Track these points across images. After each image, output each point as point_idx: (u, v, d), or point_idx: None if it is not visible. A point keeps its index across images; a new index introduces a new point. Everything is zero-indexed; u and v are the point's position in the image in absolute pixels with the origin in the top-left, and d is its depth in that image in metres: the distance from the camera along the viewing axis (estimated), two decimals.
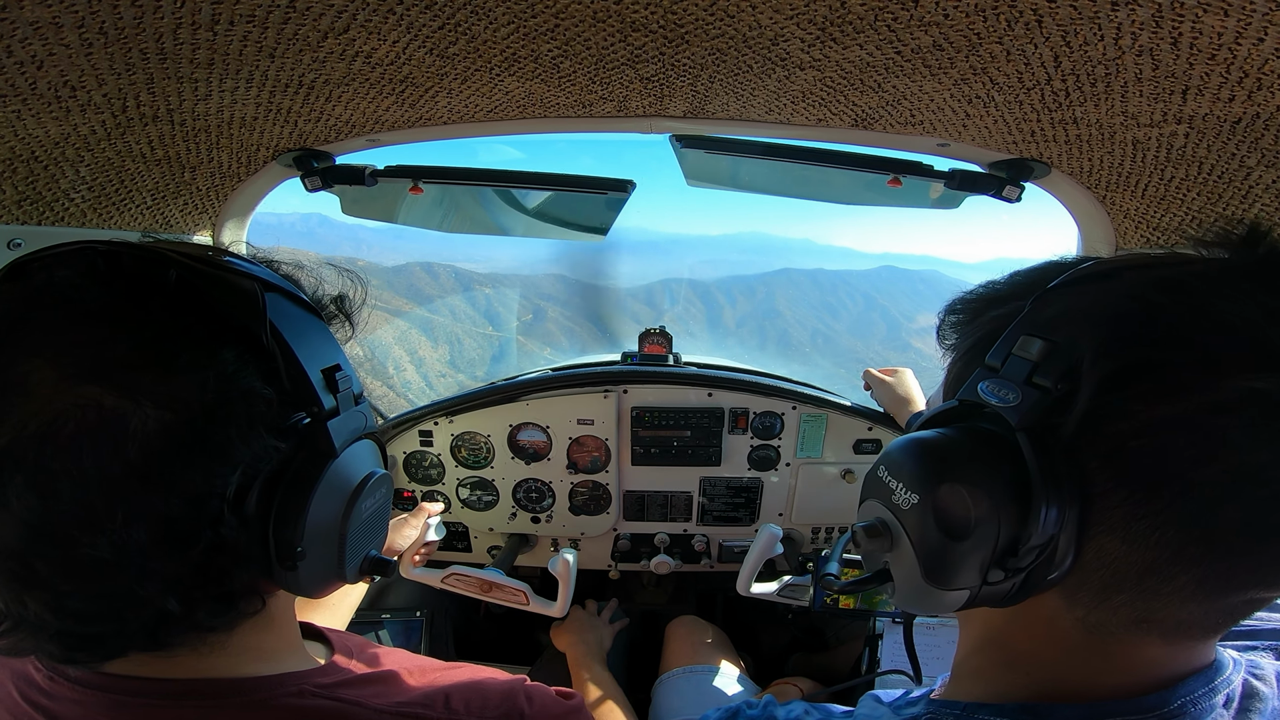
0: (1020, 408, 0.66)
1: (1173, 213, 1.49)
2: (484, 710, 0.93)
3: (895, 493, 0.74)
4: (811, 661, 2.90)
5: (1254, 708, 0.71)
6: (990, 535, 0.65)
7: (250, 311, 0.75)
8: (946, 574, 0.68)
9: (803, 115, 1.46)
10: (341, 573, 0.86)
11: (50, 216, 1.41)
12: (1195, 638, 0.69)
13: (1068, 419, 0.63)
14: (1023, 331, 0.69)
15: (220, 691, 0.79)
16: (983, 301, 0.82)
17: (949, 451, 0.71)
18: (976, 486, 0.66)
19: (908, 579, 0.73)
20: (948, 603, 0.70)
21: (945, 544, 0.68)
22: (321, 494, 0.78)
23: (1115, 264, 0.70)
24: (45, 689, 0.77)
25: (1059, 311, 0.68)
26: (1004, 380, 0.68)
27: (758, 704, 0.92)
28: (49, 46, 0.94)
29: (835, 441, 2.50)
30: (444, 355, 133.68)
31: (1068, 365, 0.64)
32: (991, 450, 0.68)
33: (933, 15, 0.97)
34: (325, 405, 0.80)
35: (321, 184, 1.76)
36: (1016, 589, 0.68)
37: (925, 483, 0.70)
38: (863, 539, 0.79)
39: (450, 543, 2.72)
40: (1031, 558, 0.65)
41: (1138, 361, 0.60)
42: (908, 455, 0.74)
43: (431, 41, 1.10)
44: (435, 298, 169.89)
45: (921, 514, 0.70)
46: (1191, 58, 0.96)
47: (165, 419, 0.64)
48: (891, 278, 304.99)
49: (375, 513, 0.92)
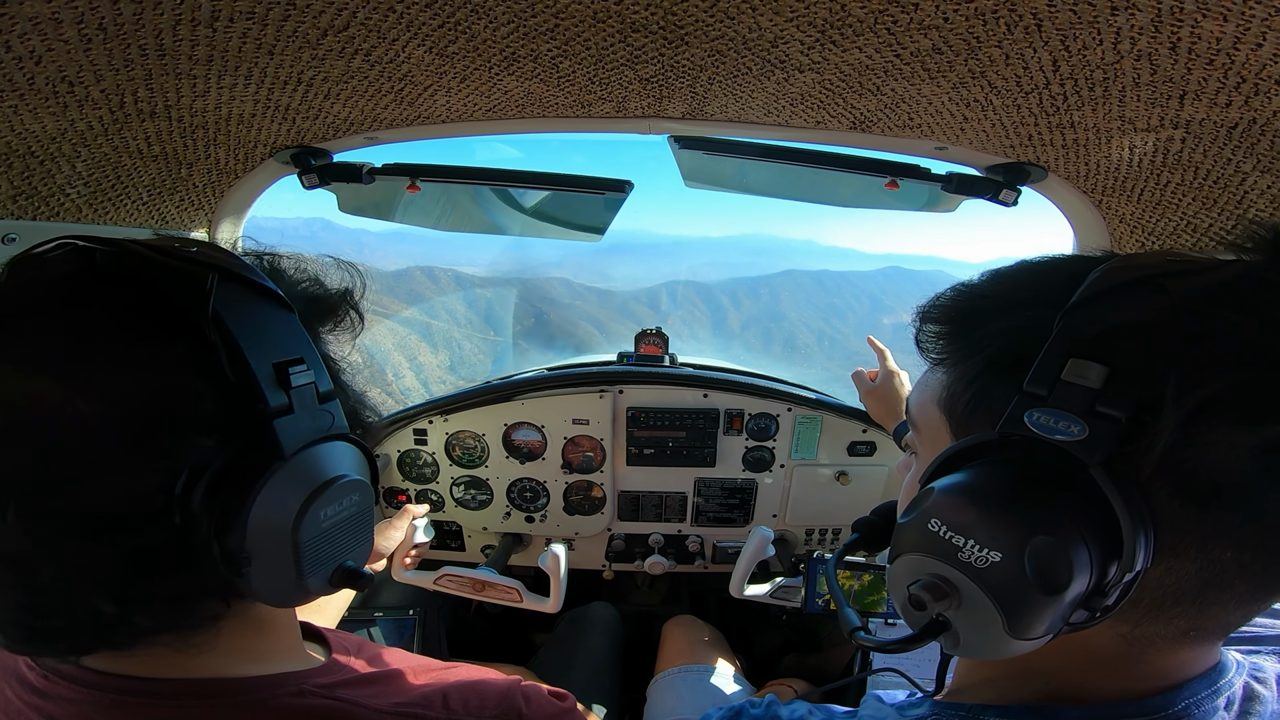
0: (1090, 442, 0.60)
1: (1168, 218, 1.50)
2: (482, 710, 0.93)
3: (963, 550, 0.65)
4: (804, 662, 2.91)
5: (1253, 710, 0.71)
6: (1084, 582, 0.60)
7: (196, 301, 0.71)
8: (1034, 625, 0.62)
9: (801, 117, 1.46)
10: (302, 584, 0.78)
11: (46, 212, 1.40)
12: (1221, 637, 0.69)
13: (1143, 449, 0.58)
14: (1069, 353, 0.62)
15: (218, 691, 0.78)
16: (970, 311, 0.76)
17: (1025, 499, 0.64)
18: (1067, 536, 0.60)
19: (982, 633, 0.65)
20: (1022, 649, 0.65)
21: (1037, 599, 0.61)
22: (267, 497, 0.71)
23: (1147, 270, 0.64)
24: (40, 688, 0.77)
25: (1109, 330, 0.62)
26: (1058, 411, 0.62)
27: (760, 703, 0.91)
28: (48, 42, 0.93)
29: (830, 443, 2.50)
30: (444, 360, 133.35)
31: (1141, 392, 0.59)
32: (1067, 492, 0.62)
33: (932, 19, 0.97)
34: (272, 403, 0.73)
35: (319, 181, 1.76)
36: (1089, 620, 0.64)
37: (1009, 539, 0.62)
38: (928, 601, 0.68)
39: (444, 542, 2.73)
40: (1117, 594, 0.61)
41: (1225, 387, 0.56)
42: (975, 507, 0.65)
43: (431, 40, 1.10)
44: (436, 302, 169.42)
45: (1007, 571, 0.62)
46: (1189, 62, 0.97)
47: (94, 412, 0.63)
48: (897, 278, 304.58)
49: (347, 521, 0.83)
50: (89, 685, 0.75)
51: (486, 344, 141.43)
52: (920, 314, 0.80)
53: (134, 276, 0.71)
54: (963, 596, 0.66)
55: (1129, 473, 0.59)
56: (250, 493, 0.70)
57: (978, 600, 0.64)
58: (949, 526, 0.66)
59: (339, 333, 0.95)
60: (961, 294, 0.78)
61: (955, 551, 0.65)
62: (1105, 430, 0.59)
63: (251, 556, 0.71)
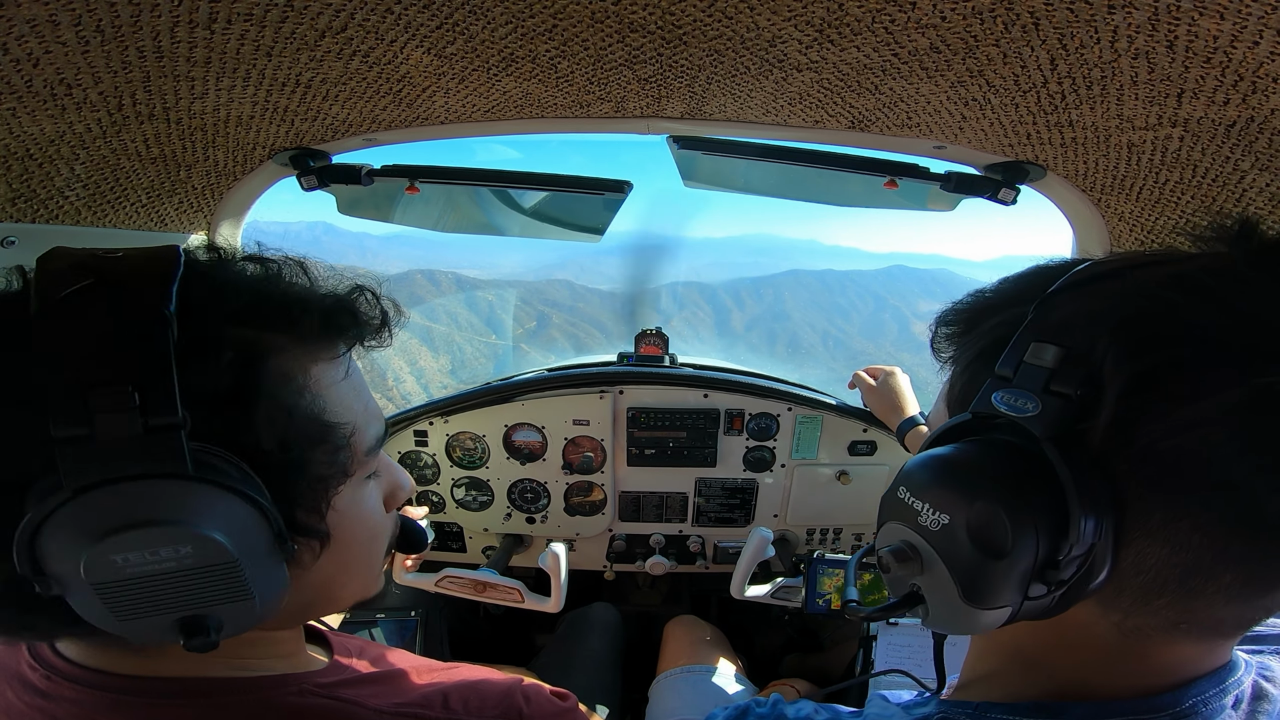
0: (1042, 418, 0.64)
1: (1167, 216, 1.50)
2: (482, 710, 0.93)
3: (922, 514, 0.70)
4: (806, 662, 2.91)
5: (1262, 709, 0.71)
6: (1029, 550, 0.63)
7: None
8: (987, 593, 0.66)
9: (800, 117, 1.46)
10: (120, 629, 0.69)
11: (44, 214, 1.40)
12: (1225, 635, 0.69)
13: (1093, 426, 0.61)
14: (1032, 338, 0.67)
15: (220, 690, 0.79)
16: (976, 311, 0.80)
17: (974, 468, 0.69)
18: (1010, 502, 0.64)
19: (944, 601, 0.70)
20: (987, 622, 0.68)
21: (983, 563, 0.65)
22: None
23: (1116, 264, 0.69)
24: (42, 689, 0.77)
25: (1068, 315, 0.67)
26: (1019, 390, 0.66)
27: (766, 702, 0.92)
28: (45, 44, 0.93)
29: (830, 443, 2.50)
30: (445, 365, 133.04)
31: (1087, 370, 0.62)
32: (1018, 463, 0.66)
33: (930, 18, 0.97)
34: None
35: (318, 183, 1.76)
36: (1056, 601, 0.66)
37: (955, 502, 0.67)
38: (891, 564, 0.74)
39: (445, 543, 2.73)
40: (1073, 569, 0.63)
41: (1162, 362, 0.59)
42: (931, 475, 0.71)
43: (429, 41, 1.10)
44: (437, 306, 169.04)
45: (955, 535, 0.67)
46: (1187, 61, 0.97)
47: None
48: (902, 277, 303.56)
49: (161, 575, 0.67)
50: (91, 685, 0.76)
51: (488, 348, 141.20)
52: (936, 319, 0.84)
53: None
54: (924, 561, 0.71)
55: (1084, 448, 0.62)
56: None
57: (935, 564, 0.69)
58: (911, 492, 0.72)
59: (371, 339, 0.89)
60: (971, 297, 0.82)
61: (915, 516, 0.71)
62: (1055, 407, 0.63)
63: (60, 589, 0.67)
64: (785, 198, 2.27)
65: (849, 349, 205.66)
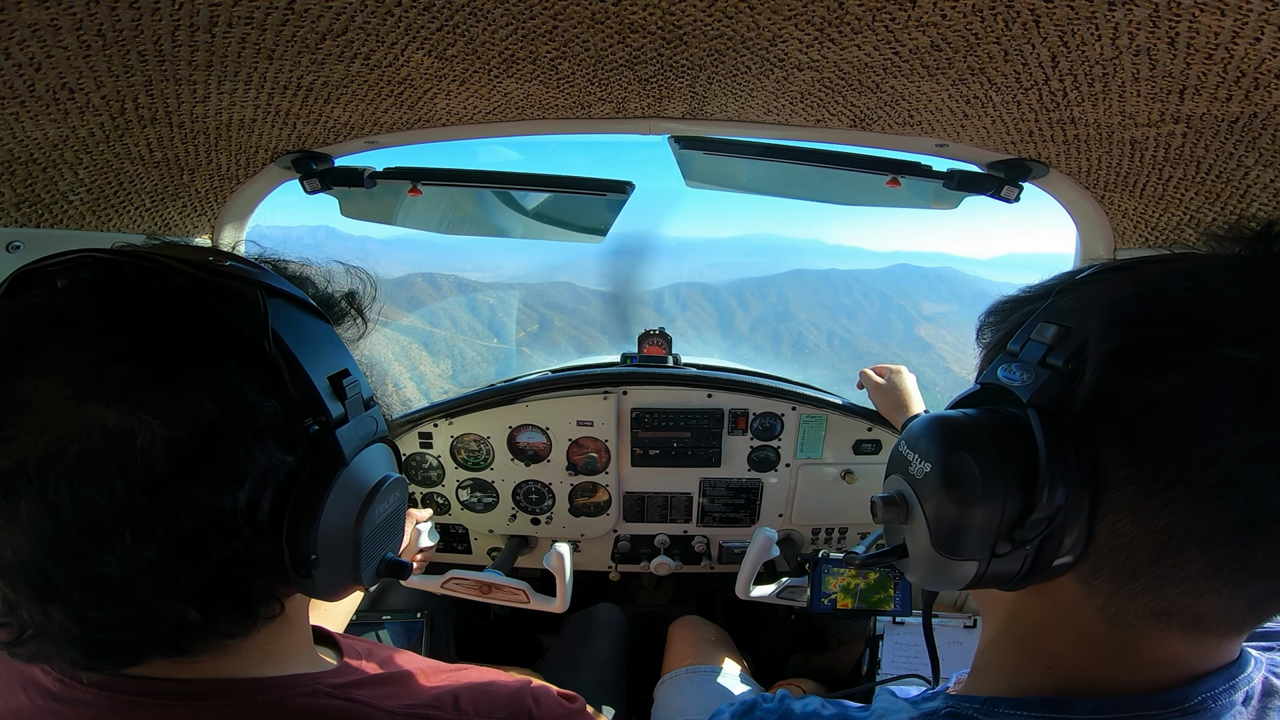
0: (1031, 386, 0.69)
1: (1170, 212, 1.50)
2: (492, 711, 0.94)
3: (912, 464, 0.78)
4: (812, 662, 2.90)
5: (1273, 706, 0.71)
6: (997, 505, 0.68)
7: (253, 320, 0.74)
8: (954, 542, 0.71)
9: (801, 116, 1.46)
10: (358, 577, 0.85)
11: (49, 219, 1.41)
12: (1218, 634, 0.69)
13: (1077, 396, 0.65)
14: (1041, 319, 0.72)
15: (235, 691, 0.79)
16: (1015, 303, 0.84)
17: (961, 425, 0.74)
18: (984, 456, 0.69)
19: (920, 549, 0.76)
20: (958, 575, 0.73)
21: (954, 512, 0.71)
22: (333, 502, 0.77)
23: (1134, 260, 0.72)
24: (55, 692, 0.77)
25: (1074, 300, 0.72)
26: (1021, 363, 0.72)
27: (773, 698, 0.94)
28: (47, 49, 0.94)
29: (835, 442, 2.50)
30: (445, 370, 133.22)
31: (1076, 346, 0.66)
32: (1003, 425, 0.71)
33: (930, 16, 0.97)
34: (333, 413, 0.78)
35: (320, 186, 1.76)
36: (1027, 567, 0.69)
37: (937, 452, 0.74)
38: (880, 509, 0.82)
39: (450, 545, 2.73)
40: (1039, 530, 0.66)
41: (1138, 339, 0.62)
42: (925, 429, 0.77)
43: (430, 44, 1.10)
44: (439, 310, 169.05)
45: (933, 482, 0.73)
46: (1189, 57, 0.96)
47: (171, 435, 0.64)
48: (907, 276, 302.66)
49: (390, 516, 0.90)
50: (105, 688, 0.76)
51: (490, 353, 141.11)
52: (986, 310, 0.89)
53: (183, 295, 0.72)
54: (909, 509, 0.78)
55: (1067, 418, 0.66)
56: (321, 499, 0.76)
57: (915, 512, 0.77)
58: (908, 444, 0.80)
59: (346, 336, 0.95)
60: (1019, 291, 0.86)
61: (907, 465, 0.79)
62: (1044, 377, 0.68)
63: (320, 558, 0.76)
64: (787, 197, 2.26)
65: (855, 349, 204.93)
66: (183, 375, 0.67)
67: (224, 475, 0.68)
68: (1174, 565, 0.62)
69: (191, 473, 0.65)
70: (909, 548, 0.80)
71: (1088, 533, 0.65)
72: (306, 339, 0.79)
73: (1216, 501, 0.58)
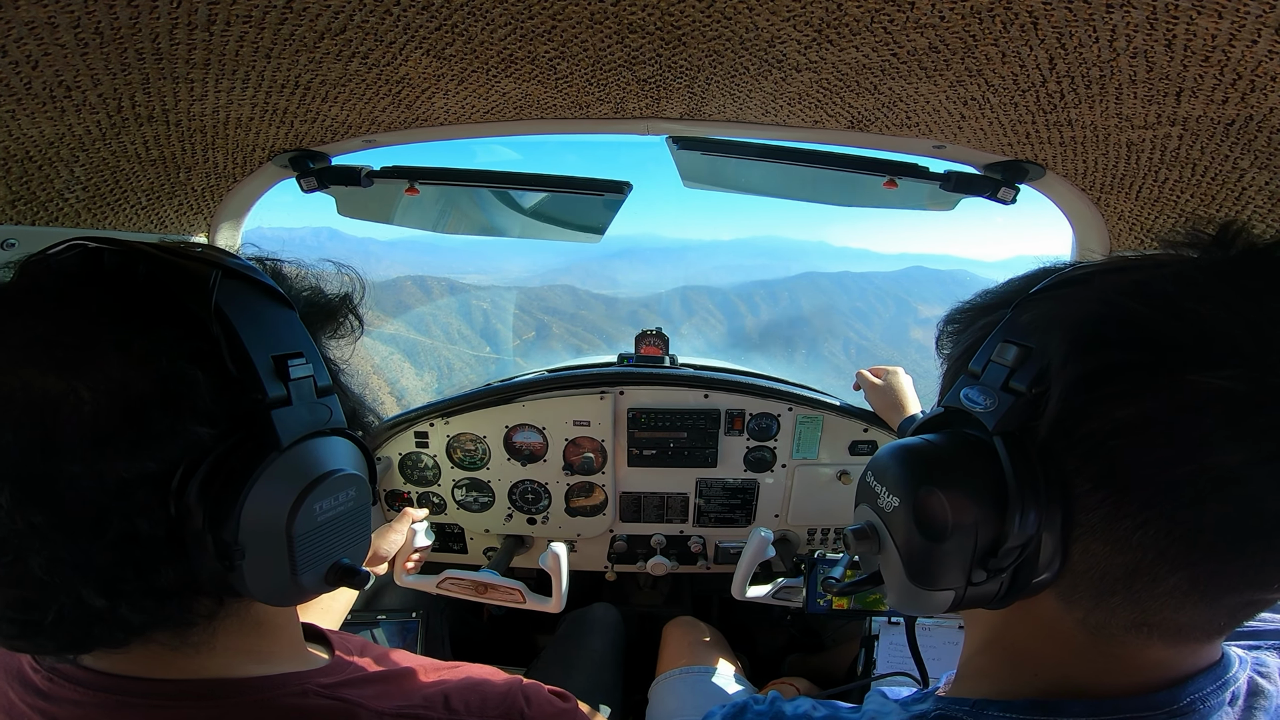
0: (996, 412, 0.68)
1: (1166, 214, 1.50)
2: (484, 710, 0.93)
3: (880, 497, 0.76)
4: (808, 662, 2.91)
5: (1259, 705, 0.71)
6: (968, 537, 0.67)
7: (197, 294, 0.72)
8: (929, 575, 0.70)
9: (799, 117, 1.46)
10: (296, 580, 0.79)
11: (44, 216, 1.40)
12: (1199, 640, 0.69)
13: (1041, 422, 0.64)
14: (1001, 338, 0.71)
15: (221, 691, 0.79)
16: (974, 311, 0.84)
17: (927, 456, 0.73)
18: (952, 490, 0.68)
19: (895, 580, 0.75)
20: (935, 603, 0.72)
21: (926, 546, 0.70)
22: (261, 488, 0.72)
23: (1092, 269, 0.71)
24: (43, 690, 0.77)
25: (1034, 318, 0.70)
26: (984, 386, 0.71)
27: (764, 699, 0.93)
28: (44, 46, 0.94)
29: (831, 443, 2.50)
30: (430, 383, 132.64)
31: (1040, 369, 0.65)
32: (970, 454, 0.70)
33: (928, 17, 0.97)
34: (270, 394, 0.74)
35: (317, 185, 1.76)
36: (1005, 590, 0.69)
37: (904, 487, 0.72)
38: (852, 542, 0.81)
39: (446, 544, 2.73)
40: (1012, 558, 0.66)
41: (1105, 364, 0.61)
42: (891, 460, 0.76)
43: (428, 43, 1.10)
44: (426, 315, 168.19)
45: (902, 517, 0.72)
46: (1185, 60, 0.97)
47: (98, 401, 0.63)
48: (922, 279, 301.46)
49: (342, 516, 0.83)
50: (92, 687, 0.76)
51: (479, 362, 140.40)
52: (943, 318, 0.88)
53: (137, 272, 0.72)
54: (880, 540, 0.77)
55: (1033, 445, 0.65)
56: (245, 482, 0.71)
57: (887, 544, 0.75)
58: (875, 476, 0.78)
59: (339, 338, 0.95)
60: (975, 297, 0.85)
61: (876, 498, 0.77)
62: (1009, 402, 0.67)
63: (245, 549, 0.71)
64: (785, 198, 2.27)
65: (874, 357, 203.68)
66: (114, 342, 0.66)
67: (136, 445, 0.65)
68: (1149, 581, 0.62)
69: (107, 437, 0.64)
70: (884, 577, 0.79)
71: (1063, 553, 0.65)
72: (257, 319, 0.76)
73: (1190, 523, 0.59)
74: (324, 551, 0.82)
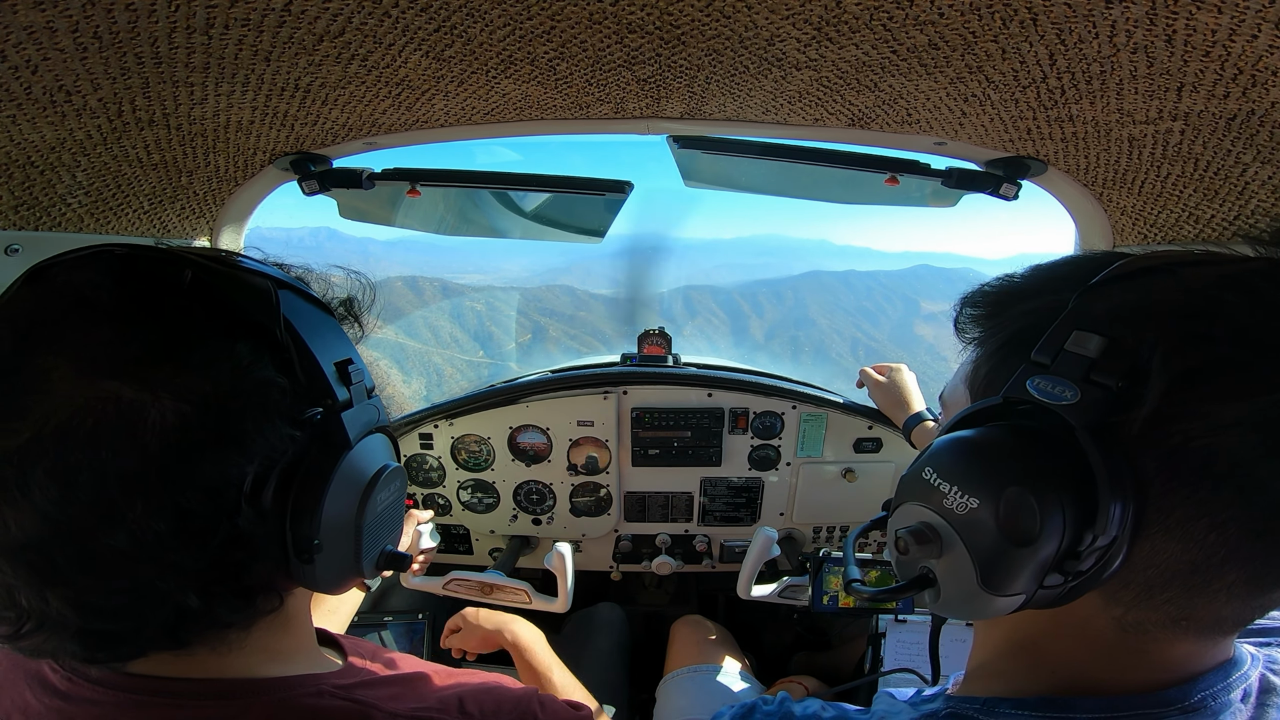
0: (1080, 406, 0.63)
1: (1169, 209, 1.49)
2: (498, 714, 0.94)
3: (948, 497, 0.70)
4: (815, 660, 2.90)
5: (1271, 702, 0.71)
6: (1054, 539, 0.63)
7: (264, 307, 0.76)
8: (1005, 580, 0.66)
9: (799, 115, 1.46)
10: (358, 567, 0.86)
11: (47, 222, 1.40)
12: (1228, 632, 0.69)
13: (1129, 418, 0.61)
14: (1074, 327, 0.66)
15: (240, 691, 0.79)
16: (1006, 295, 0.80)
17: (1008, 453, 0.68)
18: (1043, 490, 0.63)
19: (959, 586, 0.70)
20: (998, 608, 0.68)
21: (1009, 550, 0.65)
22: (337, 486, 0.78)
23: (1163, 260, 0.67)
24: (62, 690, 0.77)
25: (1115, 307, 0.66)
26: (1057, 378, 0.66)
27: (773, 700, 0.93)
28: (44, 51, 0.94)
29: (835, 440, 2.50)
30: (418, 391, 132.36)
31: (1133, 363, 0.61)
32: (1051, 450, 0.65)
33: (928, 14, 0.97)
34: (339, 397, 0.80)
35: (319, 187, 1.76)
36: (1069, 590, 0.66)
37: (987, 487, 0.67)
38: (910, 545, 0.73)
39: (451, 545, 2.73)
40: (1093, 560, 0.63)
41: (1207, 360, 0.59)
42: (962, 457, 0.71)
43: (428, 45, 1.10)
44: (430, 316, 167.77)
45: (982, 519, 0.67)
46: (1186, 54, 0.96)
47: (182, 410, 0.65)
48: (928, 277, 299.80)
49: (390, 506, 0.92)
50: (112, 686, 0.76)
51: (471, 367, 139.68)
52: (961, 299, 0.84)
53: (198, 286, 0.74)
54: (944, 543, 0.71)
55: (1116, 440, 0.62)
56: (327, 481, 0.77)
57: (955, 548, 0.69)
58: (939, 473, 0.71)
59: None
60: (1000, 282, 0.82)
61: (941, 498, 0.70)
62: (1096, 396, 0.63)
63: (323, 543, 0.77)
64: (786, 196, 2.27)
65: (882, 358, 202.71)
66: (194, 354, 0.69)
67: (232, 451, 0.69)
68: (1206, 579, 0.61)
69: (201, 448, 0.67)
70: (940, 582, 0.72)
71: (1126, 553, 0.63)
72: (314, 327, 0.81)
73: (1268, 522, 0.58)
74: (377, 540, 0.90)
